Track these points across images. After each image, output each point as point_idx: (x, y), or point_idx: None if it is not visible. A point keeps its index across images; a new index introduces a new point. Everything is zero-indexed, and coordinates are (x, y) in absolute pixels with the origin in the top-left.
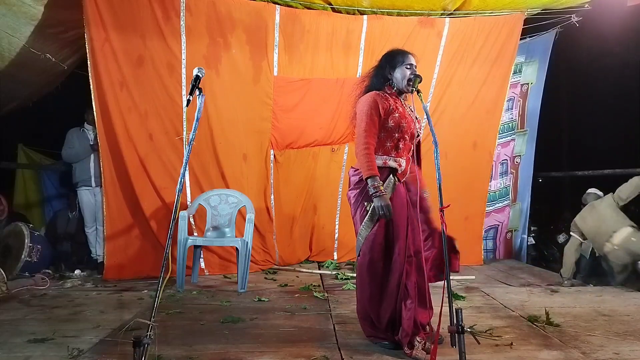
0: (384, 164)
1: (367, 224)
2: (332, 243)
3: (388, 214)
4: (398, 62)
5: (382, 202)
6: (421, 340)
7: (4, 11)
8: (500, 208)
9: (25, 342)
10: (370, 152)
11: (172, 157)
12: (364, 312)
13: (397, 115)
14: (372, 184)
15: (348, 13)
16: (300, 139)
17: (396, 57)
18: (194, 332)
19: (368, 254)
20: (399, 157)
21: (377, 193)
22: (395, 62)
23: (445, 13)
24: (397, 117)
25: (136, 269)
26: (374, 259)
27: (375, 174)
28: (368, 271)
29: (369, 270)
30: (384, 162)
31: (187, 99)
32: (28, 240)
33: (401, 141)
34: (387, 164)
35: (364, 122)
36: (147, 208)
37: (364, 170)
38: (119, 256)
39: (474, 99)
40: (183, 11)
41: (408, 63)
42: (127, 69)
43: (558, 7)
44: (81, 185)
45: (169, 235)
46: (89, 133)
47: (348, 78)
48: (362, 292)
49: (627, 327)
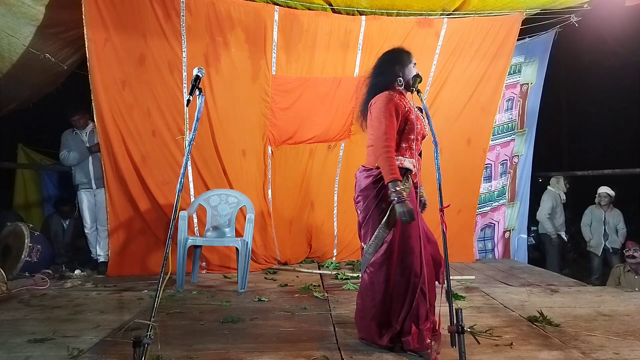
0: (401, 164)
1: (383, 228)
2: (332, 241)
3: (411, 219)
4: (406, 60)
5: (406, 208)
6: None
7: (4, 11)
8: (496, 207)
9: (25, 342)
10: (392, 155)
11: (175, 152)
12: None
13: (413, 117)
14: (395, 189)
15: (347, 14)
16: (296, 135)
17: (404, 55)
18: (194, 332)
19: (384, 256)
20: (412, 158)
21: (401, 198)
22: (405, 60)
23: (444, 13)
24: (413, 119)
25: (140, 266)
26: (391, 262)
27: (398, 177)
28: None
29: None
30: (400, 163)
31: (187, 98)
32: (28, 240)
33: (414, 142)
34: (403, 165)
35: (383, 124)
36: (150, 204)
37: (386, 173)
38: (122, 253)
39: (470, 97)
40: (183, 11)
41: (414, 62)
42: (129, 67)
43: (557, 7)
44: (82, 188)
45: (169, 235)
46: (83, 135)
47: (345, 77)
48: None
49: (627, 327)
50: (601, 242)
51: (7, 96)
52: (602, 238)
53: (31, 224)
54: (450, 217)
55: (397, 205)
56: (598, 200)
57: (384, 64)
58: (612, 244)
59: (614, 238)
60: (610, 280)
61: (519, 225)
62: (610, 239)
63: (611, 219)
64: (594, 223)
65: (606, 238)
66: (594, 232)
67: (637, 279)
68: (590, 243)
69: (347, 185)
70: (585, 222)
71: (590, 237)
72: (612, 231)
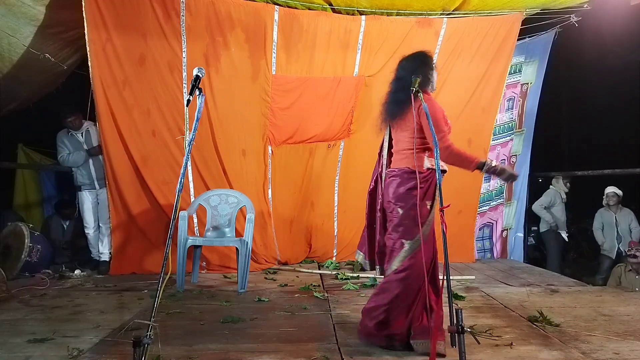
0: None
1: (428, 224)
2: (332, 241)
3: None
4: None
5: (507, 169)
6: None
7: (3, 11)
8: (494, 206)
9: (25, 342)
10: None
11: (175, 152)
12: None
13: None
14: (489, 166)
15: (347, 13)
16: (296, 135)
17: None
18: (194, 332)
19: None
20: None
21: (499, 166)
22: (432, 63)
23: (444, 13)
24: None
25: (140, 265)
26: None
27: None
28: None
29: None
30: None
31: (187, 98)
32: (28, 240)
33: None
34: (443, 166)
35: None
36: (151, 204)
37: (469, 162)
38: (123, 252)
39: (470, 97)
40: (183, 11)
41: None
42: (129, 67)
43: (557, 7)
44: (84, 189)
45: (169, 235)
46: (79, 136)
47: (345, 76)
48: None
49: (627, 327)
50: (615, 244)
51: (7, 96)
52: (615, 241)
53: (31, 224)
54: (451, 217)
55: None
56: (606, 201)
57: (420, 66)
58: (626, 247)
59: (627, 240)
60: (610, 280)
61: (516, 224)
62: (624, 241)
63: (622, 219)
64: (605, 226)
65: (619, 240)
66: (607, 236)
67: (638, 278)
68: (603, 246)
69: (347, 184)
70: (597, 226)
71: (603, 240)
72: (625, 233)
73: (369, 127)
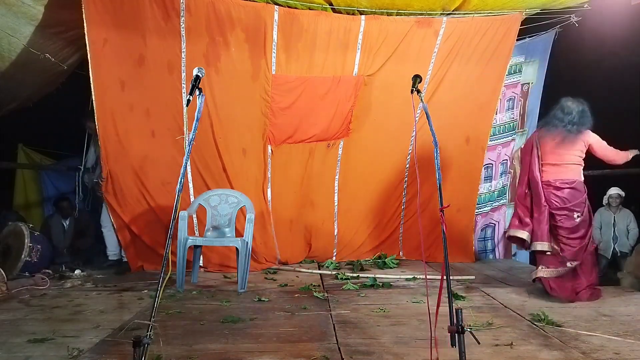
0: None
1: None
2: (332, 241)
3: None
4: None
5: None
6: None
7: (3, 11)
8: (496, 207)
9: (25, 342)
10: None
11: (175, 152)
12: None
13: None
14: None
15: (348, 13)
16: (296, 134)
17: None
18: (194, 332)
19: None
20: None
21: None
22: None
23: (444, 13)
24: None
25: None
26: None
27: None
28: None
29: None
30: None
31: (187, 98)
32: (28, 240)
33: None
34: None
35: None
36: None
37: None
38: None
39: (468, 96)
40: (183, 11)
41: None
42: (128, 67)
43: (557, 7)
44: None
45: (169, 235)
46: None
47: (344, 76)
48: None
49: (627, 327)
50: (610, 245)
51: (7, 96)
52: (612, 241)
53: (31, 224)
54: (450, 216)
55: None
56: (608, 201)
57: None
58: (621, 247)
59: (623, 241)
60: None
61: None
62: (619, 241)
63: (621, 220)
64: (603, 226)
65: (615, 241)
66: (603, 235)
67: None
68: (599, 246)
69: (346, 184)
70: (595, 225)
71: (599, 240)
72: (622, 234)
73: (368, 126)
